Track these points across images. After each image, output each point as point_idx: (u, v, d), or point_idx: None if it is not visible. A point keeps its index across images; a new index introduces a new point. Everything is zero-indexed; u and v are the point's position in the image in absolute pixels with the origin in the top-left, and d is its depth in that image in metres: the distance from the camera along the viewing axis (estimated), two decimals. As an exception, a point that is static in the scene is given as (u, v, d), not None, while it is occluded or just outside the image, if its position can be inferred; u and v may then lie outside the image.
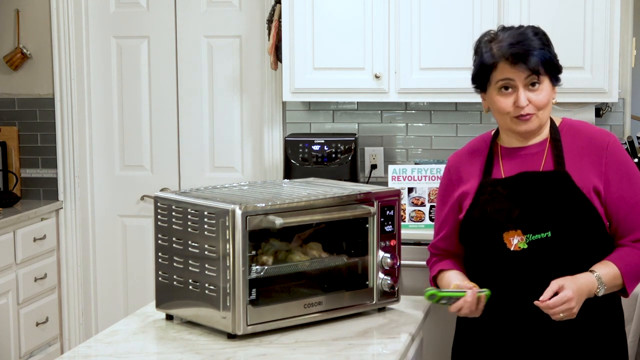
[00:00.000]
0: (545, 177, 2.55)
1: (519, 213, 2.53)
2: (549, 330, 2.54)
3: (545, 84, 2.54)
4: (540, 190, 2.53)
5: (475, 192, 2.62)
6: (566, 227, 2.51)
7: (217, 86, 4.90)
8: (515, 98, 2.53)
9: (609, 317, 2.60)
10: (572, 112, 4.19)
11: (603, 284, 2.49)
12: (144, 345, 2.56)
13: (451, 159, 2.77)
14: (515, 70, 2.51)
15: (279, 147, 4.77)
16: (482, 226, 2.58)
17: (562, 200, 2.51)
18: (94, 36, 4.99)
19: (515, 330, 2.57)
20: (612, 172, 2.55)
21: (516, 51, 2.50)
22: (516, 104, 2.53)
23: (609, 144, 2.58)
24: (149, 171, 5.03)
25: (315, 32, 4.34)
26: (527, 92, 2.52)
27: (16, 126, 4.99)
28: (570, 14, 4.09)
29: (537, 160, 2.59)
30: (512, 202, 2.55)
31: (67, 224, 4.96)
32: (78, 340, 4.95)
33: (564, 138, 2.60)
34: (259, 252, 2.65)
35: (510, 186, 2.57)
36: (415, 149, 4.70)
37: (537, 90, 2.53)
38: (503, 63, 2.52)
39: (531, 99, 2.53)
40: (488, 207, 2.56)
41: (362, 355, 2.44)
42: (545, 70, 2.52)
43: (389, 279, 2.77)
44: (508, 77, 2.53)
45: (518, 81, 2.52)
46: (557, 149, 2.58)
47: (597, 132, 2.62)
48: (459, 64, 4.23)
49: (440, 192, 2.77)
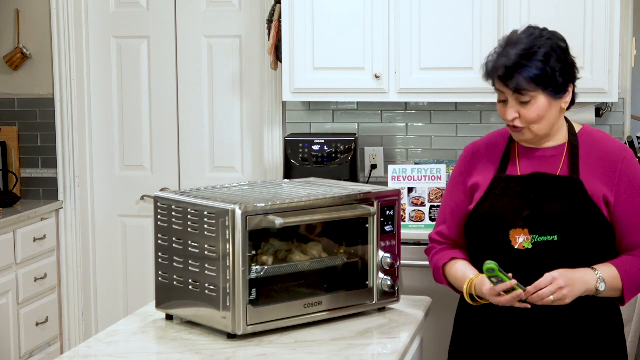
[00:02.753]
0: (558, 181, 2.56)
1: (529, 213, 2.53)
2: (548, 331, 2.54)
3: (540, 99, 2.52)
4: (552, 193, 2.54)
5: (487, 186, 2.63)
6: (573, 234, 2.51)
7: (217, 86, 4.90)
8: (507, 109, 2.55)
9: (608, 319, 2.60)
10: (572, 112, 4.16)
11: (603, 280, 2.49)
12: (144, 345, 2.56)
13: (468, 148, 2.77)
14: (505, 84, 2.53)
15: (279, 147, 4.77)
16: (490, 221, 2.58)
17: (572, 207, 2.52)
18: (94, 36, 4.99)
19: (514, 330, 2.57)
20: (624, 185, 2.56)
21: (500, 70, 2.52)
22: (504, 117, 2.56)
23: (626, 158, 2.59)
24: (149, 171, 5.03)
25: (315, 32, 4.34)
26: (517, 105, 2.54)
27: (16, 126, 4.99)
28: (570, 13, 4.08)
29: (555, 163, 2.60)
30: (523, 200, 2.55)
31: (67, 224, 4.96)
32: (78, 340, 4.95)
33: (581, 145, 2.61)
34: (259, 252, 2.65)
35: (523, 185, 2.58)
36: (415, 149, 4.70)
37: (527, 106, 2.53)
38: (496, 76, 2.55)
39: (521, 112, 2.54)
40: (498, 202, 2.56)
41: (362, 355, 2.44)
42: (537, 86, 2.51)
43: (389, 279, 2.77)
44: (500, 90, 2.56)
45: (508, 95, 2.54)
46: (573, 156, 2.59)
47: (615, 144, 2.64)
48: (459, 64, 4.23)
49: (452, 180, 2.75)
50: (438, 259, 2.73)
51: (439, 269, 2.73)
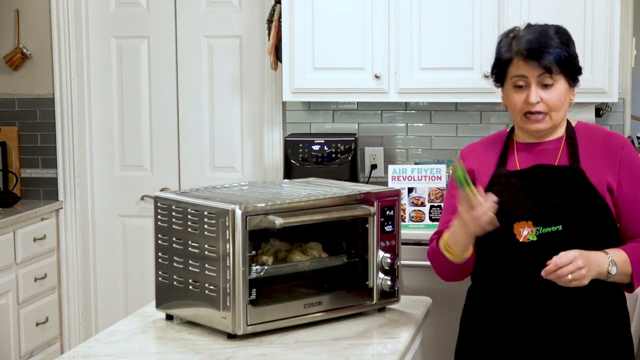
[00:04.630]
0: (560, 171, 2.56)
1: (532, 205, 2.53)
2: (555, 326, 2.53)
3: (560, 84, 2.54)
4: (554, 184, 2.54)
5: (487, 182, 2.62)
6: (578, 222, 2.51)
7: (217, 86, 4.90)
8: (527, 95, 2.53)
9: (615, 316, 2.60)
10: (572, 112, 4.18)
11: (615, 263, 2.48)
12: (144, 345, 2.56)
13: (464, 150, 2.77)
14: (529, 67, 2.52)
15: (279, 147, 4.77)
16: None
17: (575, 196, 2.51)
18: (94, 36, 4.99)
19: (521, 325, 2.56)
20: (625, 173, 2.56)
21: (531, 47, 2.51)
22: (527, 101, 2.53)
23: (625, 145, 2.59)
24: (149, 171, 5.03)
25: (315, 32, 4.34)
26: (539, 90, 2.53)
27: (16, 126, 4.99)
28: (570, 14, 4.08)
29: (553, 156, 2.60)
30: (525, 193, 2.55)
31: (67, 224, 4.96)
32: (78, 340, 4.95)
33: (579, 138, 2.62)
34: (259, 252, 2.65)
35: (524, 178, 2.58)
36: (415, 149, 4.70)
37: (550, 90, 2.53)
38: (518, 59, 2.53)
39: (543, 97, 2.53)
40: (500, 197, 2.56)
41: (362, 355, 2.44)
42: (560, 70, 2.52)
43: (389, 279, 2.77)
44: (521, 74, 2.54)
45: (531, 78, 2.53)
46: (572, 147, 2.59)
47: (613, 134, 2.64)
48: (459, 64, 4.23)
49: (451, 182, 2.73)
50: (434, 243, 2.68)
51: (434, 248, 2.66)
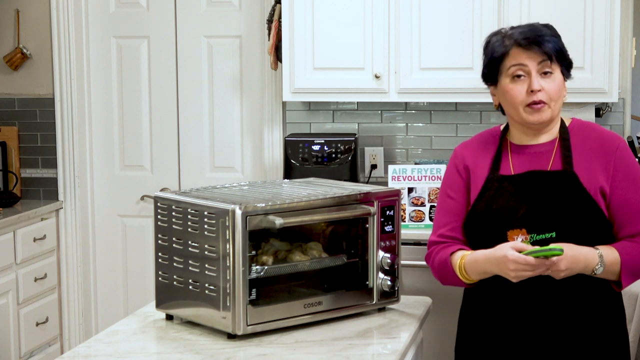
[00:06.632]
0: (553, 176, 2.54)
1: (525, 212, 2.52)
2: (551, 328, 2.54)
3: (557, 75, 2.54)
4: (547, 190, 2.53)
5: (481, 186, 2.61)
6: (571, 228, 2.50)
7: (217, 86, 4.90)
8: (529, 84, 2.52)
9: (611, 315, 2.60)
10: (572, 112, 4.19)
11: (603, 262, 2.48)
12: (144, 345, 2.56)
13: (458, 149, 2.74)
14: (529, 54, 2.52)
15: (279, 147, 4.77)
16: (486, 222, 2.56)
17: (568, 201, 2.50)
18: (94, 36, 4.99)
19: (518, 328, 2.57)
20: (619, 175, 2.55)
21: (530, 36, 2.52)
22: (530, 89, 2.52)
23: (619, 147, 2.57)
24: (149, 171, 5.03)
25: (315, 32, 4.34)
26: (540, 79, 2.53)
27: (16, 126, 4.99)
28: (570, 14, 4.09)
29: (546, 159, 2.58)
30: (519, 200, 2.54)
31: (67, 224, 4.96)
32: (78, 340, 4.95)
33: (573, 138, 2.60)
34: (259, 252, 2.65)
35: (518, 184, 2.56)
36: (415, 149, 4.70)
37: (550, 78, 2.53)
38: (515, 49, 2.53)
39: (544, 87, 2.52)
40: (493, 203, 2.55)
41: (362, 355, 2.44)
42: (557, 59, 2.53)
43: (389, 279, 2.77)
44: (521, 63, 2.53)
45: (531, 67, 2.52)
46: (566, 149, 2.57)
47: (608, 134, 2.62)
48: (459, 64, 4.24)
49: (446, 182, 2.71)
50: (443, 253, 2.63)
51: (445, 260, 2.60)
